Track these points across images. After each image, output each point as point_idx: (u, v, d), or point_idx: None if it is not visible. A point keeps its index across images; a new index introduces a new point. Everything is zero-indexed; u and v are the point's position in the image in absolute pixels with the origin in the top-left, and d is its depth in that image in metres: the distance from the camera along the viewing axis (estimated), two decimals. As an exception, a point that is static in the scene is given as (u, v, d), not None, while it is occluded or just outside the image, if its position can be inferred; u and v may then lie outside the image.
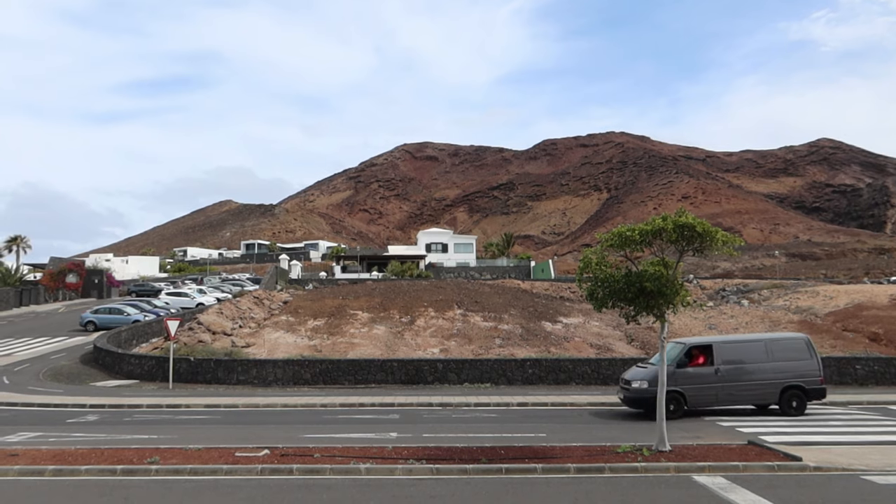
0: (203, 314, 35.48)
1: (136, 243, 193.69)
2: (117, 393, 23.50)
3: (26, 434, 15.59)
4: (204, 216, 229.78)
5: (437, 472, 11.28)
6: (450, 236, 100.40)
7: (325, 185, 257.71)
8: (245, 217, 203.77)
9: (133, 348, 32.30)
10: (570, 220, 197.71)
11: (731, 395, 18.29)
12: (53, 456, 12.33)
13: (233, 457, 12.05)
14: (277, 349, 30.52)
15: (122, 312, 41.34)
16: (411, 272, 71.22)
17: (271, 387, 25.44)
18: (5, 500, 10.03)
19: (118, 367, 28.05)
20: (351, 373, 25.98)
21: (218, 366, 26.40)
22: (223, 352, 28.31)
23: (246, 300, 39.43)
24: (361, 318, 36.11)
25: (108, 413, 19.54)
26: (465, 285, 47.67)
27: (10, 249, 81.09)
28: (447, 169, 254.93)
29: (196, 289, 54.33)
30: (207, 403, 20.89)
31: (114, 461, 11.84)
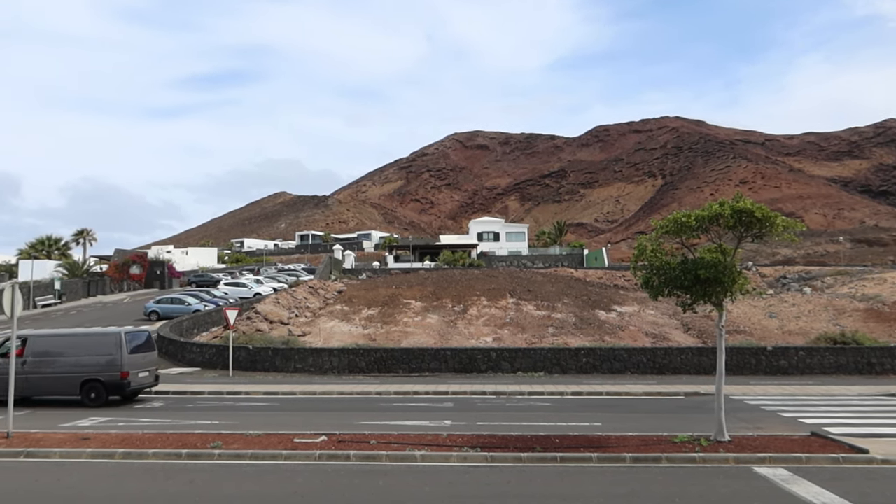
0: (260, 304, 36.31)
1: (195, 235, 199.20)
2: (180, 380, 24.29)
3: (96, 419, 16.28)
4: (259, 208, 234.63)
5: (491, 459, 11.33)
6: (501, 225, 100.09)
7: (376, 175, 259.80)
8: (299, 208, 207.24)
9: (194, 337, 33.30)
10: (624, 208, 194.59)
11: (35, 385, 18.74)
12: (122, 440, 12.85)
13: (292, 443, 12.35)
14: (332, 338, 31.03)
15: (183, 302, 42.67)
16: (463, 261, 71.32)
17: (327, 375, 25.90)
18: (79, 481, 10.50)
19: (181, 355, 28.98)
20: (405, 361, 26.25)
21: (275, 354, 27.02)
22: (280, 340, 28.94)
23: (301, 290, 40.16)
24: (414, 307, 36.39)
25: (172, 399, 20.24)
26: (517, 274, 47.51)
27: (77, 242, 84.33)
28: (498, 157, 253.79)
29: (253, 279, 55.64)
30: (266, 391, 21.43)
31: (179, 445, 12.27)
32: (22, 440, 12.89)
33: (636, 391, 20.64)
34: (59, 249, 76.99)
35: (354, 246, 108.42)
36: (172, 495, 9.52)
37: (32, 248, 75.97)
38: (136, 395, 20.15)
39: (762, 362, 25.51)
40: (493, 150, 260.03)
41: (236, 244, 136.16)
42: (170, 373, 26.44)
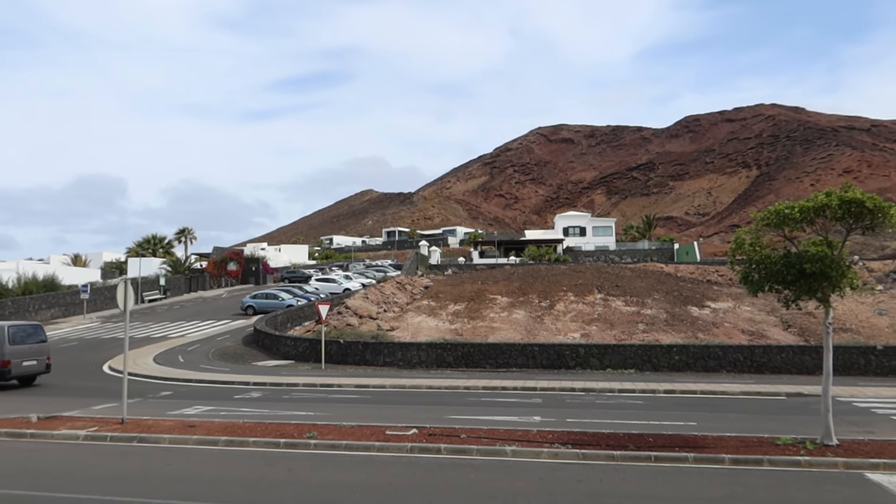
0: (350, 299, 37.21)
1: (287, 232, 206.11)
2: (276, 372, 25.23)
3: (200, 407, 17.12)
4: (347, 206, 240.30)
5: (583, 457, 11.19)
6: (588, 219, 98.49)
7: (460, 171, 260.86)
8: (385, 205, 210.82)
9: (288, 331, 34.51)
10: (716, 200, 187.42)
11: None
12: (225, 428, 13.47)
13: (384, 435, 12.60)
14: (420, 332, 31.42)
15: (277, 297, 44.27)
16: (549, 256, 70.63)
17: (415, 369, 26.26)
18: (187, 465, 11.09)
19: (276, 348, 30.09)
20: (492, 356, 26.28)
21: (365, 348, 27.64)
22: (370, 335, 29.57)
23: (389, 285, 40.86)
24: (501, 303, 36.35)
25: (268, 390, 21.05)
26: (604, 269, 46.65)
27: (179, 241, 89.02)
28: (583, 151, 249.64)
29: (342, 275, 57.07)
30: (357, 384, 21.95)
31: (277, 435, 12.75)
32: (135, 426, 13.73)
33: (733, 390, 19.87)
34: (163, 247, 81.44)
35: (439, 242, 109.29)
36: (273, 482, 9.90)
37: (139, 246, 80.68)
38: (26, 380, 22.05)
39: (871, 362, 24.04)
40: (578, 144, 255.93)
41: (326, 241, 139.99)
42: (266, 365, 27.51)
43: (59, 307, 47.89)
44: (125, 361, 15.48)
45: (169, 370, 25.05)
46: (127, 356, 15.57)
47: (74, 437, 13.19)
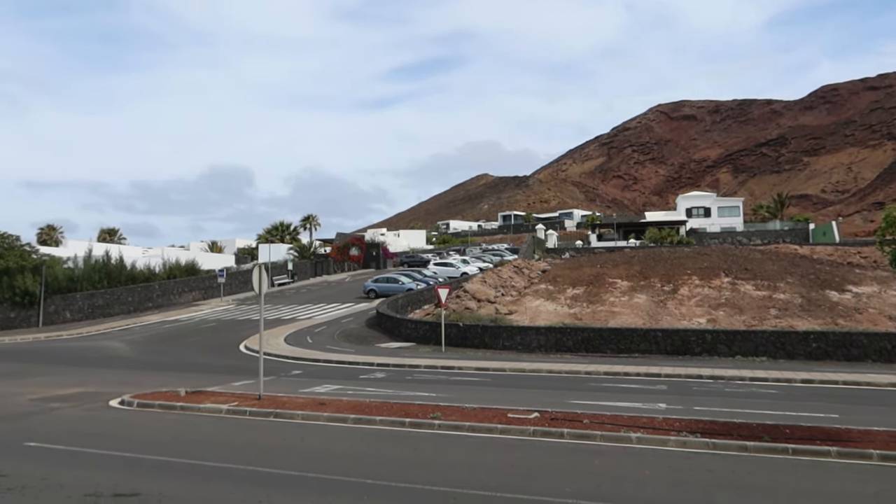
0: (468, 283, 37.59)
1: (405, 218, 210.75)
2: (398, 354, 25.97)
3: (329, 386, 17.94)
4: (463, 190, 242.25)
5: (713, 446, 10.79)
6: (713, 199, 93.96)
7: (576, 153, 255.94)
8: (500, 189, 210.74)
9: (408, 314, 35.39)
10: (857, 176, 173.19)
11: None
12: (353, 406, 14.06)
13: (506, 417, 12.70)
14: (538, 316, 31.30)
15: (398, 281, 45.46)
16: (671, 239, 68.13)
17: (534, 353, 26.21)
18: (319, 441, 11.67)
19: (397, 331, 30.96)
20: (613, 341, 25.77)
21: (484, 331, 27.88)
22: (488, 318, 29.79)
23: (506, 269, 40.90)
24: (620, 287, 35.51)
25: (392, 371, 21.73)
26: (731, 251, 44.37)
27: (304, 227, 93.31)
28: (707, 127, 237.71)
29: (460, 259, 57.70)
30: (477, 366, 22.21)
31: (402, 414, 13.16)
32: (271, 402, 14.61)
33: (880, 381, 18.43)
34: (289, 234, 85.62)
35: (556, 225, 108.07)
36: (400, 460, 10.25)
37: (268, 233, 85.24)
38: None
39: None
40: (702, 120, 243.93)
41: (442, 226, 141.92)
42: (389, 346, 28.37)
43: (199, 290, 51.55)
44: (261, 342, 16.47)
45: (298, 350, 26.39)
46: (263, 336, 16.55)
47: (218, 411, 14.22)
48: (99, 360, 25.43)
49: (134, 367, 23.21)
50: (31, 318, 42.12)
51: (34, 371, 22.19)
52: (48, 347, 31.40)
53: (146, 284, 48.00)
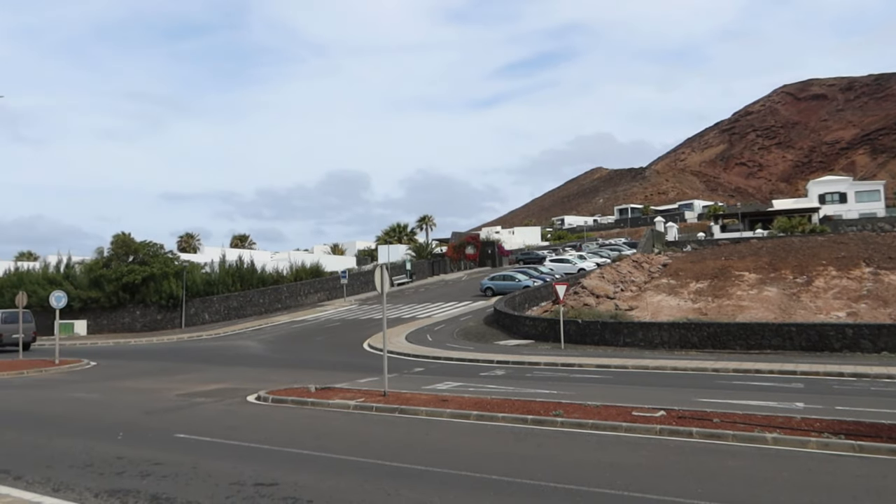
0: (586, 279, 37.00)
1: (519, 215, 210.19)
2: (517, 351, 25.97)
3: (450, 383, 18.22)
4: (577, 185, 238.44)
5: (859, 449, 10.04)
6: (848, 184, 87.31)
7: (695, 141, 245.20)
8: (616, 182, 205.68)
9: (526, 311, 35.30)
10: None
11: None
12: (475, 403, 14.21)
13: (630, 415, 12.41)
14: (660, 312, 30.33)
15: (514, 279, 45.43)
16: (802, 227, 63.85)
17: (657, 349, 25.43)
18: (443, 436, 11.89)
19: (515, 328, 30.96)
20: (742, 337, 24.54)
21: (604, 328, 27.35)
22: (608, 314, 29.19)
23: (625, 264, 39.91)
24: (748, 280, 33.74)
25: (511, 368, 21.76)
26: (873, 239, 41.04)
27: (420, 228, 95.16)
28: (839, 106, 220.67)
29: (576, 255, 56.89)
30: (598, 363, 21.83)
31: (524, 411, 13.16)
32: (395, 399, 15.03)
33: None
34: (406, 235, 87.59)
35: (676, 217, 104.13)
36: (524, 456, 10.26)
37: (386, 234, 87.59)
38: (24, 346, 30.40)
39: None
40: (833, 99, 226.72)
41: (557, 222, 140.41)
42: (507, 344, 28.43)
43: (324, 291, 53.80)
44: (384, 340, 16.99)
45: (419, 348, 26.98)
46: (386, 335, 17.06)
47: (346, 407, 14.80)
48: (235, 359, 27.12)
49: (267, 365, 24.58)
50: (174, 320, 45.56)
51: (179, 369, 24.00)
52: (190, 347, 33.84)
53: (275, 287, 50.67)
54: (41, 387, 20.29)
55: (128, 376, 22.23)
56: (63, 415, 15.22)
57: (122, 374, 22.83)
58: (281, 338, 34.88)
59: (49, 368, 24.62)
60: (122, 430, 12.89)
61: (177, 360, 26.96)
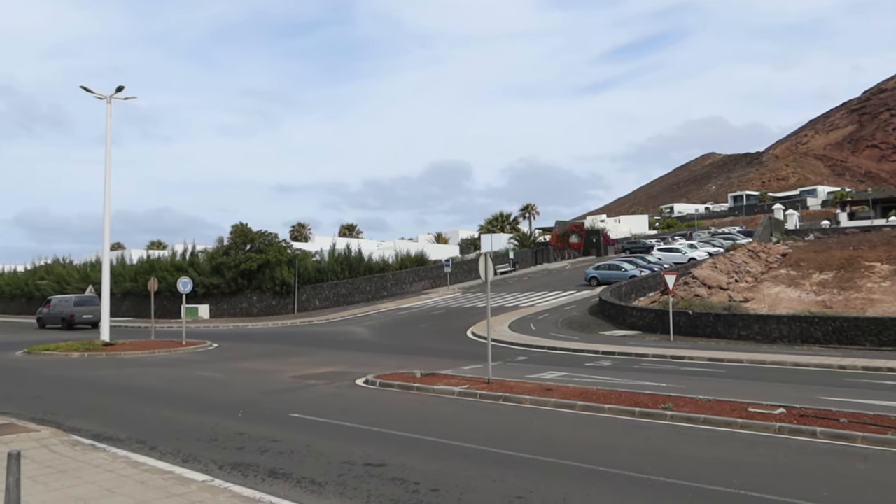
0: (696, 269, 35.62)
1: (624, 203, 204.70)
2: (623, 342, 25.37)
3: (554, 373, 18.05)
4: (687, 171, 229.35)
5: None
6: None
7: (818, 123, 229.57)
8: (729, 168, 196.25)
9: (632, 301, 34.41)
10: None
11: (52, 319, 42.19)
12: (580, 393, 14.02)
13: (746, 411, 11.84)
14: (779, 305, 28.75)
15: (620, 268, 44.36)
16: (944, 215, 58.60)
17: (776, 344, 24.12)
18: (546, 425, 11.79)
19: (621, 319, 30.25)
20: (873, 332, 22.84)
21: (717, 320, 26.22)
22: (721, 306, 27.98)
23: (739, 254, 38.08)
24: (880, 271, 31.34)
25: (617, 360, 21.29)
26: None
27: (524, 216, 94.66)
28: None
29: (686, 244, 54.82)
30: (709, 357, 20.98)
31: (631, 403, 12.84)
32: (499, 386, 15.06)
33: None
34: (509, 223, 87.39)
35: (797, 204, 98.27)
36: (631, 449, 10.02)
37: (489, 223, 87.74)
38: (91, 325, 38.60)
39: None
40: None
41: (665, 210, 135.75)
42: (613, 334, 27.84)
43: (428, 279, 54.61)
44: (488, 328, 17.05)
45: (522, 337, 26.90)
46: (490, 323, 17.11)
47: (450, 393, 14.98)
48: (344, 343, 28.06)
49: (374, 350, 25.27)
50: (287, 306, 47.65)
51: (292, 352, 25.10)
52: (302, 331, 35.32)
53: (381, 275, 51.94)
54: (170, 366, 21.80)
55: (246, 358, 23.48)
56: (189, 392, 16.29)
57: (240, 356, 24.14)
58: (387, 324, 35.74)
59: (177, 349, 26.39)
60: (241, 408, 13.64)
61: (290, 344, 28.20)
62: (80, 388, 17.37)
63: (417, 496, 7.77)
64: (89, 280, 53.26)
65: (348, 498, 7.75)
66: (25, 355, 25.52)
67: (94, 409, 14.13)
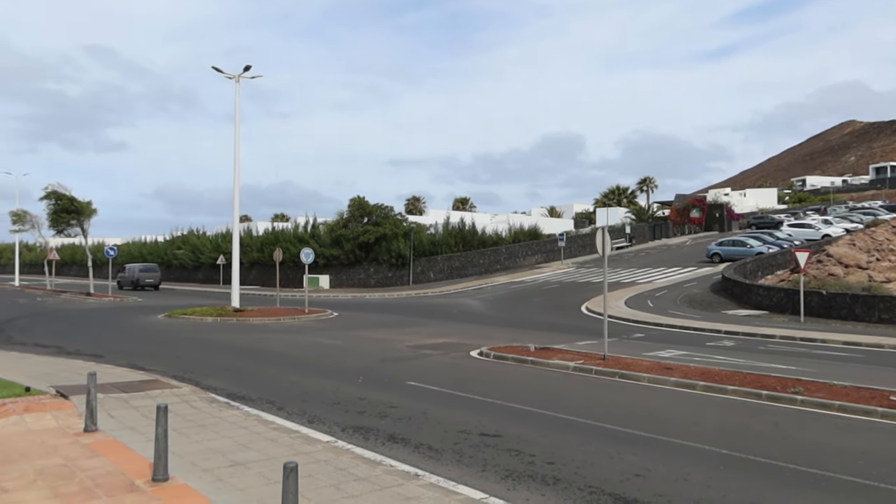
0: (831, 246, 33.23)
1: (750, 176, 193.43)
2: (748, 322, 24.17)
3: (673, 351, 17.49)
4: (822, 142, 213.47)
5: None
6: None
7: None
8: (872, 138, 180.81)
9: (758, 279, 32.67)
10: None
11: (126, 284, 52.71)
12: (701, 373, 13.52)
13: (888, 400, 10.99)
14: (927, 286, 26.35)
15: (745, 244, 42.18)
16: None
17: (922, 328, 22.17)
18: (664, 404, 11.47)
19: (746, 297, 28.81)
20: None
21: (854, 301, 24.42)
22: (859, 286, 26.01)
23: (882, 230, 35.09)
24: None
25: (741, 340, 20.32)
26: None
27: (641, 190, 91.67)
28: None
29: (820, 219, 51.31)
30: (845, 340, 19.61)
31: (757, 386, 12.25)
32: (615, 363, 14.79)
33: None
34: (626, 197, 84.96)
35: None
36: (757, 433, 9.58)
37: (605, 197, 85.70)
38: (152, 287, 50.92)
39: None
40: None
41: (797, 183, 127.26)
42: (737, 314, 26.59)
43: (541, 254, 54.21)
44: (605, 304, 16.74)
45: (639, 313, 26.21)
46: (606, 298, 16.79)
47: (565, 367, 14.88)
48: (458, 315, 28.45)
49: (487, 323, 25.47)
50: (403, 277, 48.83)
51: (408, 322, 25.75)
52: (417, 303, 36.11)
53: (494, 248, 52.07)
54: (294, 332, 22.97)
55: (364, 327, 24.34)
56: (313, 357, 17.12)
57: (359, 325, 25.05)
58: (500, 297, 35.86)
59: (300, 316, 27.75)
60: (361, 374, 14.19)
61: (406, 315, 28.93)
62: (214, 350, 18.67)
63: (533, 468, 7.81)
64: (220, 250, 56.84)
65: (465, 465, 7.91)
66: (166, 319, 27.69)
67: (227, 369, 15.16)
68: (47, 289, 52.11)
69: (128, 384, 12.45)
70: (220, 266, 54.58)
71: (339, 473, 7.30)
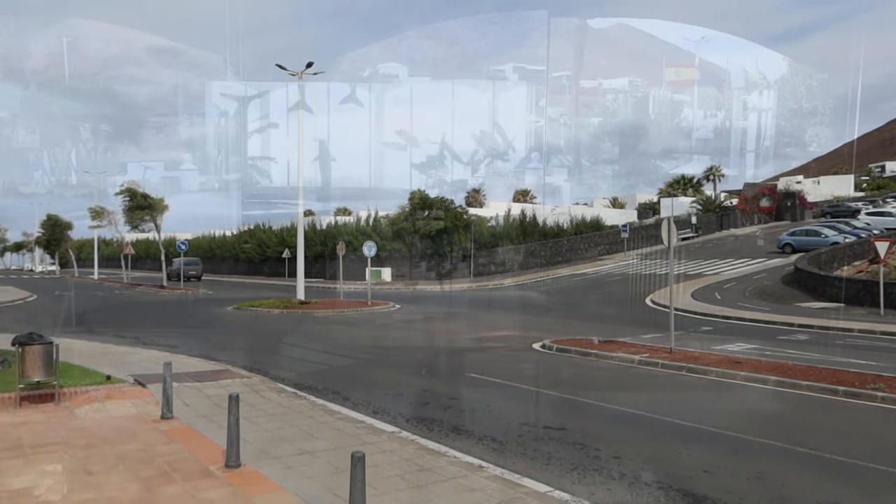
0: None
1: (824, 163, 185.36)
2: (822, 315, 23.22)
3: (742, 345, 16.97)
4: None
5: None
6: None
7: None
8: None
9: (834, 271, 31.32)
10: None
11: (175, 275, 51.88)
12: (773, 368, 13.07)
13: (977, 397, 10.41)
14: None
15: (819, 234, 40.57)
16: None
17: None
18: (735, 398, 11.15)
19: (820, 289, 27.69)
20: None
21: (939, 293, 23.15)
22: (945, 278, 24.63)
23: (970, 218, 33.17)
24: None
25: (816, 334, 19.55)
26: None
27: (708, 179, 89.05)
28: None
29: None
30: (930, 334, 18.63)
31: (833, 381, 11.75)
32: (682, 356, 14.45)
33: None
34: (691, 187, 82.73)
35: None
36: (834, 430, 9.22)
37: (670, 186, 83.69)
38: (195, 278, 54.16)
39: None
40: None
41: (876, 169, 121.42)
42: (810, 306, 25.59)
43: (604, 245, 53.42)
44: (671, 296, 16.37)
45: (706, 306, 25.52)
46: (673, 290, 16.43)
47: (630, 361, 14.63)
48: (519, 308, 28.33)
49: (548, 315, 25.27)
50: (464, 270, 48.90)
51: (469, 314, 25.82)
52: (477, 295, 36.14)
53: (556, 240, 51.59)
54: (357, 324, 23.34)
55: (425, 319, 24.53)
56: (375, 349, 17.36)
57: (420, 317, 25.26)
58: (561, 290, 35.52)
59: (363, 309, 28.16)
60: (424, 366, 14.31)
61: (467, 307, 29.03)
62: (281, 340, 19.14)
63: (598, 462, 7.72)
64: (285, 244, 58.13)
65: (529, 458, 7.89)
66: (235, 311, 28.55)
67: (294, 359, 15.53)
68: (124, 282, 54.47)
69: (200, 373, 12.90)
70: (286, 259, 55.87)
71: (404, 463, 7.39)
